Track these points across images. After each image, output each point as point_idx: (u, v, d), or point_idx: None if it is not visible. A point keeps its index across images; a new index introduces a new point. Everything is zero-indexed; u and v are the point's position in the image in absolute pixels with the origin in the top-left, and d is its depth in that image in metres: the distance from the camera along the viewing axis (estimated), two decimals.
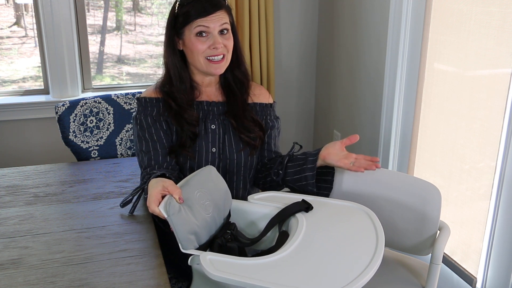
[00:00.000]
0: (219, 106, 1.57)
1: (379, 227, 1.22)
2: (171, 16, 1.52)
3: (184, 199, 1.20)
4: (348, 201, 1.37)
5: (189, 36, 1.47)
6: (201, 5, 1.45)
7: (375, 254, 1.12)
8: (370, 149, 2.50)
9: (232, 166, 1.56)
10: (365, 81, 2.49)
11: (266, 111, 1.63)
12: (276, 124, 1.65)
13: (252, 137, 1.55)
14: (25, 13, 2.90)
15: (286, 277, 1.04)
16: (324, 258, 1.11)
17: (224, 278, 1.03)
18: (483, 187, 1.80)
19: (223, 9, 1.48)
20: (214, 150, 1.54)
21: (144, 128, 1.52)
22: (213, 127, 1.55)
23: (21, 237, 1.30)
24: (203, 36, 1.46)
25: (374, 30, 2.36)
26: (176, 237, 1.15)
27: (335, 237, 1.20)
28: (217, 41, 1.46)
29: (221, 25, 1.47)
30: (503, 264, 1.70)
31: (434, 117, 2.06)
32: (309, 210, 1.29)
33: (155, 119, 1.52)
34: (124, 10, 2.97)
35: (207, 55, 1.48)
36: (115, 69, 3.00)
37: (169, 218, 1.14)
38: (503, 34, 1.66)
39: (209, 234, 1.23)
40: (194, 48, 1.47)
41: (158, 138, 1.51)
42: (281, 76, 2.99)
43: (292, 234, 1.19)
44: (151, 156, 1.49)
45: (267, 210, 1.33)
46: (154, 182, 1.24)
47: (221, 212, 1.30)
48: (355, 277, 1.03)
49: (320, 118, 3.06)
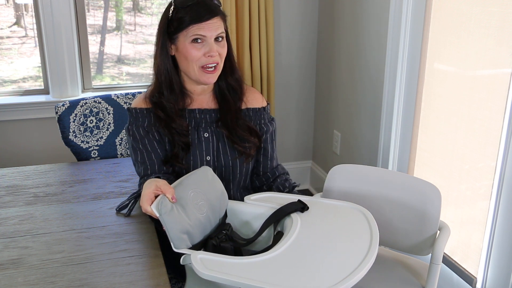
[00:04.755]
0: (211, 113, 1.54)
1: (374, 227, 1.21)
2: (164, 19, 1.47)
3: (178, 199, 1.20)
4: (344, 201, 1.36)
5: (183, 42, 1.43)
6: (197, 11, 1.41)
7: (368, 253, 1.11)
8: (370, 149, 2.50)
9: (228, 174, 1.54)
10: (365, 81, 2.49)
11: (260, 115, 1.59)
12: (271, 128, 1.61)
13: (246, 146, 1.52)
14: (25, 13, 2.90)
15: (278, 276, 1.04)
16: (317, 257, 1.11)
17: (215, 277, 1.03)
18: (483, 187, 1.80)
19: (219, 16, 1.44)
20: (209, 158, 1.51)
21: (137, 140, 1.50)
22: (206, 135, 1.52)
23: (21, 237, 1.30)
24: (199, 43, 1.42)
25: (374, 30, 2.36)
26: (168, 236, 1.15)
27: (329, 236, 1.19)
28: (213, 49, 1.42)
29: (218, 33, 1.43)
30: (503, 264, 1.70)
31: (434, 117, 2.06)
32: (304, 210, 1.29)
33: (147, 130, 1.50)
34: (124, 10, 2.97)
35: (202, 63, 1.44)
36: (115, 69, 2.99)
37: (161, 217, 1.15)
38: (503, 34, 1.66)
39: (203, 234, 1.23)
40: (189, 55, 1.43)
41: (152, 149, 1.49)
42: (281, 76, 2.99)
43: (286, 233, 1.19)
44: (147, 166, 1.48)
45: (262, 210, 1.33)
46: (147, 183, 1.25)
47: (216, 212, 1.30)
48: (346, 276, 1.03)
49: (320, 118, 3.06)
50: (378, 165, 2.40)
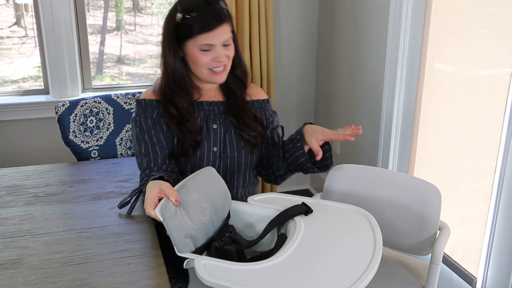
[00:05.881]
0: (219, 105, 1.58)
1: (377, 230, 1.21)
2: (171, 23, 1.47)
3: (181, 202, 1.19)
4: (348, 204, 1.36)
5: (192, 50, 1.45)
6: (205, 19, 1.41)
7: (373, 258, 1.10)
8: (370, 149, 2.50)
9: (232, 165, 1.56)
10: (365, 81, 2.49)
11: (264, 107, 1.65)
12: (276, 118, 1.68)
13: (253, 135, 1.56)
14: (25, 13, 2.90)
15: (282, 283, 1.02)
16: (321, 263, 1.10)
17: (218, 285, 1.01)
18: (483, 187, 1.80)
19: (225, 22, 1.45)
20: (216, 149, 1.54)
21: (143, 130, 1.51)
22: (215, 126, 1.55)
23: (21, 237, 1.30)
24: (207, 50, 1.45)
25: (374, 30, 2.36)
26: (172, 240, 1.14)
27: (333, 241, 1.18)
28: (220, 55, 1.45)
29: (225, 39, 1.45)
30: (503, 264, 1.70)
31: (434, 117, 2.06)
32: (308, 213, 1.28)
33: (155, 121, 1.52)
34: (124, 10, 2.97)
35: (210, 67, 1.47)
36: (115, 69, 3.00)
37: (164, 222, 1.14)
38: (503, 34, 1.66)
39: (206, 237, 1.23)
40: (197, 61, 1.46)
41: (157, 141, 1.51)
42: (281, 76, 2.99)
43: (290, 238, 1.18)
44: (150, 158, 1.49)
45: (266, 212, 1.32)
46: (151, 185, 1.24)
47: (219, 213, 1.30)
48: (353, 282, 1.02)
49: (320, 118, 3.06)
50: (378, 165, 2.40)
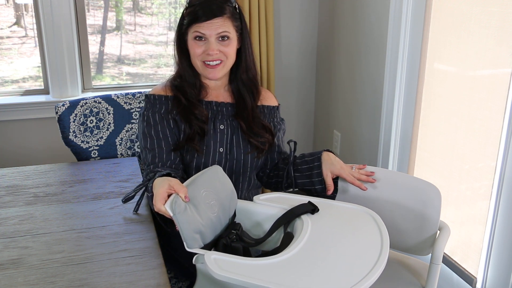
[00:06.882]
0: (228, 107, 1.59)
1: (384, 230, 1.22)
2: (182, 14, 1.55)
3: (190, 198, 1.20)
4: (354, 204, 1.37)
5: (189, 39, 1.51)
6: (202, 10, 1.46)
7: (379, 257, 1.11)
8: (370, 149, 2.50)
9: (238, 167, 1.56)
10: (365, 81, 2.49)
11: (273, 114, 1.66)
12: (282, 126, 1.68)
13: (261, 141, 1.57)
14: (25, 13, 2.90)
15: (291, 278, 1.04)
16: (329, 260, 1.11)
17: (229, 278, 1.03)
18: (483, 187, 1.80)
19: (224, 16, 1.47)
20: (222, 150, 1.54)
21: (150, 125, 1.52)
22: (222, 127, 1.56)
23: (21, 237, 1.30)
24: (201, 40, 1.48)
25: (374, 30, 2.36)
26: (182, 235, 1.15)
27: (340, 239, 1.19)
28: (211, 48, 1.47)
29: (219, 33, 1.47)
30: (503, 264, 1.70)
31: (434, 117, 2.06)
32: (315, 212, 1.29)
33: (163, 117, 1.53)
34: (124, 10, 2.97)
35: (203, 59, 1.50)
36: (115, 69, 3.00)
37: (174, 217, 1.14)
38: (503, 34, 1.66)
39: (214, 234, 1.23)
40: (192, 51, 1.51)
41: (163, 136, 1.52)
42: (281, 76, 2.99)
43: (297, 236, 1.19)
44: (156, 153, 1.50)
45: (273, 211, 1.33)
46: (160, 181, 1.24)
47: (226, 212, 1.30)
48: (359, 280, 1.03)
49: (320, 118, 3.06)
50: (378, 165, 2.40)
